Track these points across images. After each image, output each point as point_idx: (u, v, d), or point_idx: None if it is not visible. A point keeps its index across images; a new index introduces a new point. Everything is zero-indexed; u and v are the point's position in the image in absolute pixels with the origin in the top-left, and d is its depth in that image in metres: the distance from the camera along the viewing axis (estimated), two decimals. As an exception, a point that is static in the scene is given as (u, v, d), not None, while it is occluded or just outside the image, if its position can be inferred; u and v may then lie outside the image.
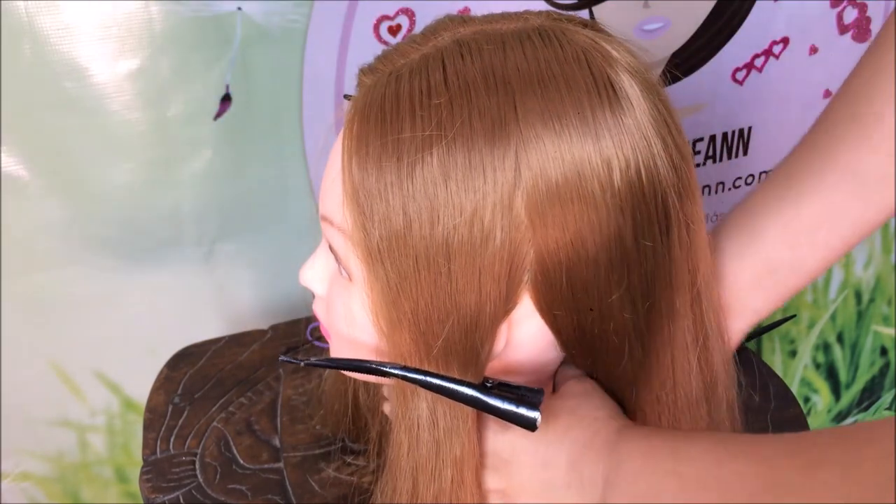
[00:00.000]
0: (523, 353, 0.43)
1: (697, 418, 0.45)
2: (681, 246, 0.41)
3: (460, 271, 0.38)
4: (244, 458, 0.60)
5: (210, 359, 0.71)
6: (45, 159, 0.73)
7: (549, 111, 0.37)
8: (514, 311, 0.41)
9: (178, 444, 0.61)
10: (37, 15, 0.67)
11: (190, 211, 0.80)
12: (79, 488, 0.91)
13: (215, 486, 0.57)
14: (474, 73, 0.38)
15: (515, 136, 0.36)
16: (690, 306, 0.43)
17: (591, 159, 0.37)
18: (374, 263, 0.40)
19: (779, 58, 0.99)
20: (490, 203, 0.37)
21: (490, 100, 0.37)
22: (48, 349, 0.83)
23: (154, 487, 0.57)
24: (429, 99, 0.37)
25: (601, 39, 0.40)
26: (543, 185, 0.37)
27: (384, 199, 0.38)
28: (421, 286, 0.39)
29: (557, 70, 0.38)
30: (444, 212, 0.37)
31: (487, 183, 0.37)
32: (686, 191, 0.40)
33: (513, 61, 0.38)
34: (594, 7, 0.87)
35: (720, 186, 1.05)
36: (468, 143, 0.36)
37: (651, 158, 0.38)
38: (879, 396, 1.38)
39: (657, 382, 0.43)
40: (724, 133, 1.03)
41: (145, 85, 0.72)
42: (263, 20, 0.73)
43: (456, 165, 0.37)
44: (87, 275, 0.80)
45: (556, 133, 0.37)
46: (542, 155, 0.37)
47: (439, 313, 0.39)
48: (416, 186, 0.37)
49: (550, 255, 0.38)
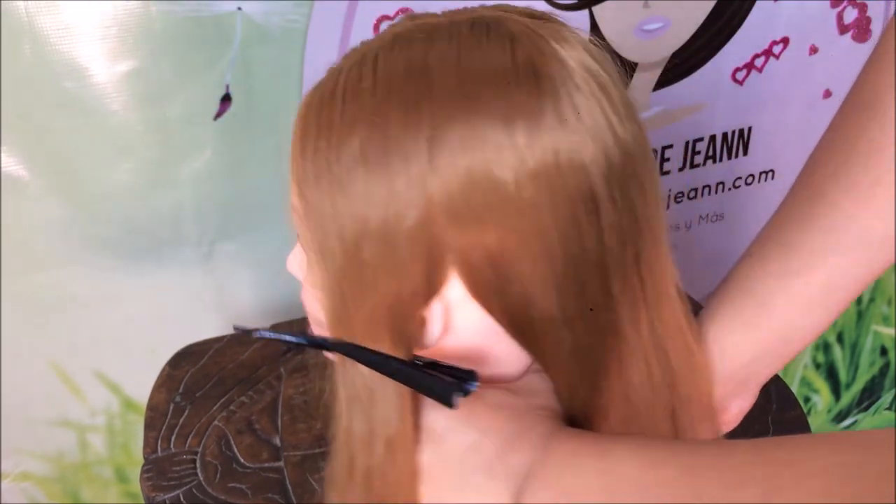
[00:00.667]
0: (469, 339, 0.43)
1: (657, 419, 0.44)
2: (614, 233, 0.40)
3: (379, 251, 0.39)
4: (245, 457, 0.60)
5: (212, 357, 0.71)
6: (45, 159, 0.73)
7: (463, 96, 0.37)
8: (446, 294, 0.41)
9: (178, 442, 0.61)
10: (37, 15, 0.67)
11: (190, 211, 0.80)
12: (79, 488, 0.91)
13: (216, 484, 0.57)
14: (398, 62, 0.39)
15: (428, 121, 0.37)
16: (632, 299, 0.42)
17: (502, 143, 0.37)
18: (310, 246, 0.42)
19: (779, 58, 0.99)
20: (404, 185, 0.38)
21: (407, 86, 0.38)
22: (48, 349, 0.83)
23: (155, 486, 0.57)
24: (357, 87, 0.39)
25: (542, 28, 0.40)
26: (455, 170, 0.37)
27: (317, 184, 0.40)
28: (347, 265, 0.40)
29: (478, 56, 0.38)
30: (363, 194, 0.38)
31: (401, 165, 0.38)
32: (629, 180, 0.40)
33: (437, 49, 0.39)
34: (594, 7, 0.87)
35: (720, 186, 1.05)
36: (384, 127, 0.38)
37: (573, 145, 0.38)
38: (879, 396, 1.38)
39: (605, 376, 0.43)
40: (724, 133, 1.03)
41: (145, 85, 0.72)
42: (263, 20, 0.73)
43: (374, 149, 0.38)
44: (87, 275, 0.80)
45: (469, 118, 0.37)
46: (454, 139, 0.37)
47: (364, 291, 0.40)
48: (342, 169, 0.39)
49: (469, 238, 0.38)
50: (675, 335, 0.45)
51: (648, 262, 0.42)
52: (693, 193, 1.05)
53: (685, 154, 1.02)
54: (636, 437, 0.39)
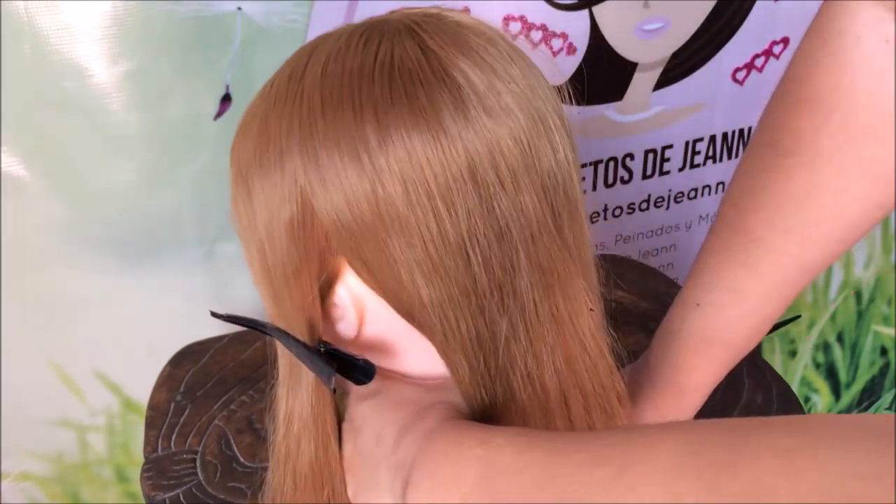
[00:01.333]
0: (381, 330, 0.44)
1: (557, 411, 0.44)
2: (480, 222, 0.40)
3: (269, 239, 0.42)
4: (245, 457, 0.60)
5: (212, 357, 0.71)
6: (45, 159, 0.74)
7: (322, 99, 0.40)
8: (349, 282, 0.42)
9: (179, 441, 0.61)
10: (37, 15, 0.67)
11: (190, 211, 0.80)
12: (79, 488, 0.91)
13: (216, 484, 0.57)
14: (285, 69, 0.43)
15: (297, 124, 0.40)
16: (523, 286, 0.42)
17: (355, 138, 0.39)
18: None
19: (779, 58, 0.99)
20: (279, 181, 0.40)
21: (287, 92, 0.41)
22: (48, 349, 0.83)
23: (155, 485, 0.57)
24: (260, 93, 0.44)
25: (423, 25, 0.41)
26: (317, 168, 0.39)
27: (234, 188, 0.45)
28: (252, 257, 0.44)
29: (341, 61, 0.40)
30: (258, 193, 0.42)
31: (282, 169, 0.40)
32: (511, 177, 0.40)
33: (315, 56, 0.42)
34: (594, 7, 0.87)
35: (720, 186, 1.05)
36: (266, 131, 0.41)
37: (427, 140, 0.38)
38: (879, 396, 1.38)
39: (499, 365, 0.43)
40: (724, 133, 1.03)
41: (145, 85, 0.72)
42: (263, 20, 0.73)
43: (261, 153, 0.41)
44: (87, 275, 0.80)
45: (329, 116, 0.39)
46: (318, 137, 0.39)
47: (267, 280, 0.44)
48: (245, 172, 0.42)
49: (343, 229, 0.40)
50: (576, 318, 0.44)
51: (544, 249, 0.42)
52: (693, 193, 1.05)
53: (685, 154, 1.02)
54: (518, 427, 0.40)
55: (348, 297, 0.42)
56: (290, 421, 0.46)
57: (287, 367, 0.46)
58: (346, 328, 0.44)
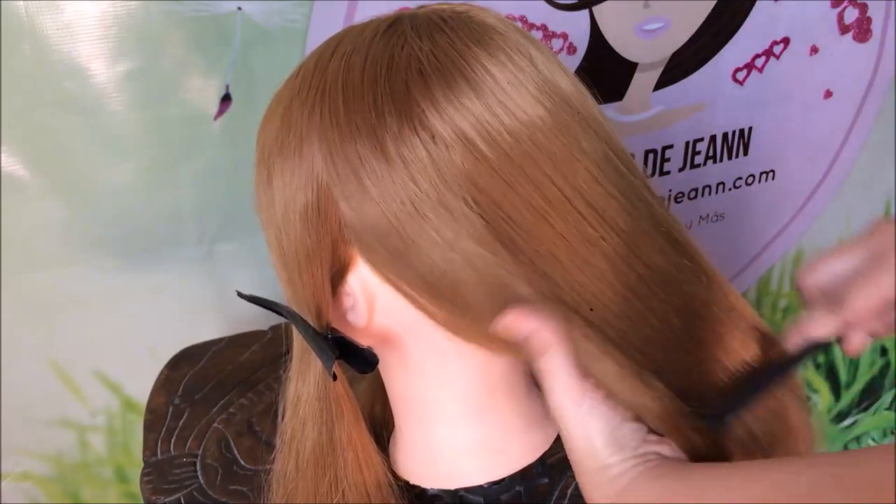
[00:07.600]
0: (391, 323, 0.44)
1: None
2: (506, 199, 0.39)
3: (284, 224, 0.42)
4: (245, 459, 0.59)
5: (210, 360, 0.70)
6: (45, 159, 0.73)
7: (344, 88, 0.40)
8: (361, 272, 0.42)
9: (178, 445, 0.61)
10: (37, 15, 0.67)
11: (190, 211, 0.80)
12: (79, 488, 0.91)
13: (216, 487, 0.57)
14: (310, 60, 0.43)
15: (319, 112, 0.40)
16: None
17: (373, 125, 0.39)
18: None
19: (779, 58, 0.99)
20: (296, 167, 0.41)
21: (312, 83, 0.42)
22: (48, 349, 0.83)
23: (155, 489, 0.57)
24: (287, 83, 0.44)
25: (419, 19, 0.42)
26: (335, 157, 0.39)
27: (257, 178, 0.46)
28: (270, 240, 0.45)
29: (361, 55, 0.40)
30: (276, 179, 0.42)
31: (301, 156, 0.41)
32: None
33: (339, 50, 0.42)
34: (594, 7, 0.87)
35: (720, 186, 1.05)
36: (295, 123, 0.42)
37: (455, 123, 0.38)
38: (879, 396, 1.38)
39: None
40: (725, 133, 1.03)
41: (145, 85, 0.72)
42: (263, 20, 0.73)
43: (282, 139, 0.42)
44: (87, 275, 0.80)
45: (344, 107, 0.39)
46: (335, 125, 0.40)
47: (283, 263, 0.44)
48: (273, 158, 0.43)
49: (359, 220, 0.40)
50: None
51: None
52: (693, 193, 1.05)
53: (685, 154, 1.02)
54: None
55: (360, 287, 0.43)
56: (297, 403, 0.46)
57: (299, 352, 0.47)
58: (356, 318, 0.44)
